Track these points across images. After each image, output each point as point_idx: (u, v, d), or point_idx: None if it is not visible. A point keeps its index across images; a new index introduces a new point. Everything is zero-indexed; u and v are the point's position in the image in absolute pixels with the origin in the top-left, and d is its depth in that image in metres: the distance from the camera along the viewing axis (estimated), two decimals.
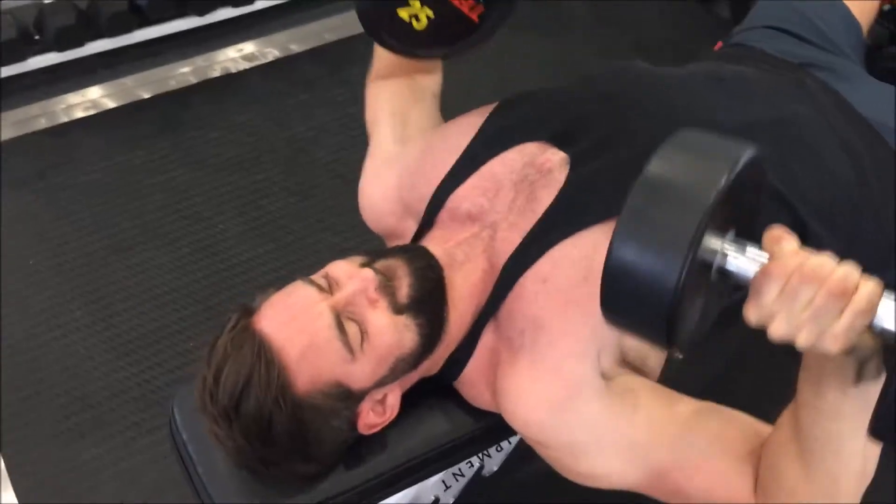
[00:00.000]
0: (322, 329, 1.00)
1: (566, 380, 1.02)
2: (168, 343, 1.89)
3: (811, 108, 1.25)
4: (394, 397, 1.09)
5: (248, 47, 2.61)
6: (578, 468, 1.04)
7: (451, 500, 1.49)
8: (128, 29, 2.49)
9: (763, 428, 0.98)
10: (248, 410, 0.99)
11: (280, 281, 1.97)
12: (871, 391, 0.78)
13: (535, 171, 1.11)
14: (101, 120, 2.37)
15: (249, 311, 1.05)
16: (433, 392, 1.17)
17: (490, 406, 1.12)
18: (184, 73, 2.51)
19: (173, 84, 2.48)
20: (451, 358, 1.12)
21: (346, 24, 2.67)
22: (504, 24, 1.17)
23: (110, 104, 2.42)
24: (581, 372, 1.02)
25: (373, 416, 1.08)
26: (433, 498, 1.43)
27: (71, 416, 1.76)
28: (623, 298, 0.74)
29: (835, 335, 0.71)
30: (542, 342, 1.03)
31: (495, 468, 1.52)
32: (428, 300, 1.05)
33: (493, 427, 1.21)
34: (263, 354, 0.99)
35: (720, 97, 1.20)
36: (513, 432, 1.32)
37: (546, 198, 1.09)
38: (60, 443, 1.73)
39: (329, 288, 1.04)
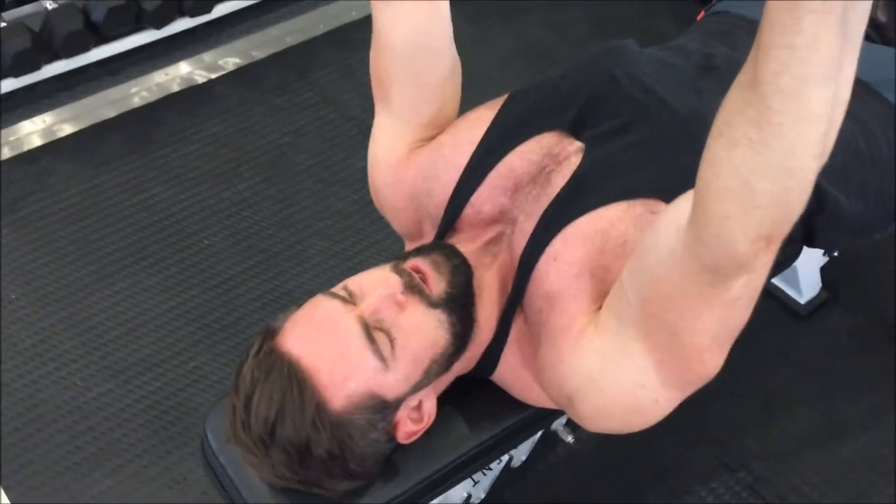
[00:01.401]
0: (351, 341, 0.98)
1: (572, 331, 1.01)
2: (168, 366, 1.84)
3: None
4: (430, 402, 1.07)
5: (208, 57, 2.55)
6: (613, 399, 0.99)
7: (483, 495, 1.48)
8: (85, 48, 2.42)
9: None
10: (285, 436, 0.97)
11: (274, 292, 1.97)
12: (858, 15, 0.71)
13: (552, 161, 1.10)
14: (69, 143, 2.30)
15: (273, 333, 1.02)
16: (463, 390, 1.15)
17: (541, 399, 1.11)
18: (147, 88, 2.45)
19: (137, 101, 2.42)
20: (484, 355, 1.11)
21: (306, 26, 2.63)
22: None
23: (75, 127, 2.35)
24: (587, 322, 1.01)
25: (410, 425, 1.06)
26: (465, 495, 1.41)
27: (76, 451, 1.71)
28: None
29: None
30: (555, 312, 1.03)
31: (524, 458, 1.51)
32: (462, 299, 1.04)
33: (527, 420, 1.20)
34: (294, 376, 0.96)
35: (716, 86, 1.18)
36: (546, 423, 1.32)
37: (560, 182, 1.08)
38: (67, 480, 1.68)
39: (352, 298, 1.02)
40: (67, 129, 2.34)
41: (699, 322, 0.90)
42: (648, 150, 1.09)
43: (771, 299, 1.89)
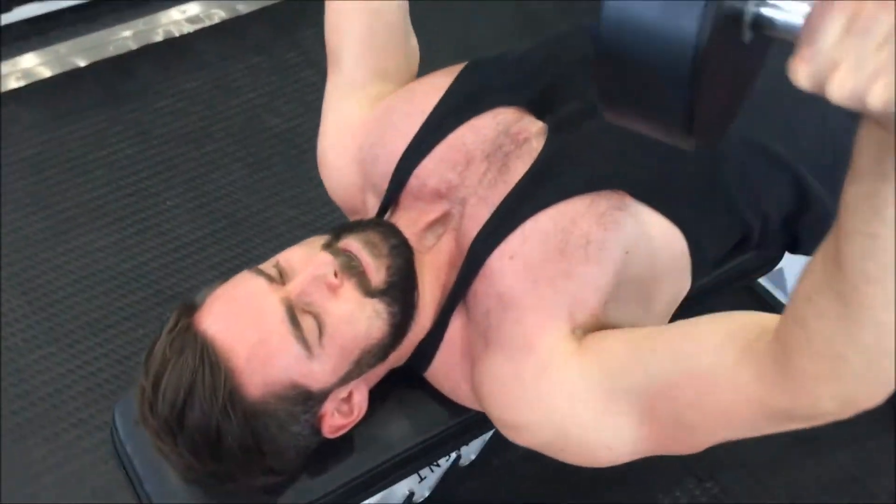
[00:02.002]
0: (273, 324, 0.89)
1: (537, 354, 0.90)
2: (115, 332, 1.75)
3: None
4: (360, 395, 0.98)
5: (193, 8, 2.44)
6: (570, 445, 0.90)
7: (427, 493, 1.39)
8: None
9: (765, 316, 0.78)
10: (193, 422, 0.88)
11: (234, 260, 1.87)
12: None
13: (510, 141, 0.99)
14: (36, 91, 2.19)
15: (191, 309, 0.92)
16: (403, 384, 1.06)
17: (469, 400, 1.01)
18: (123, 37, 2.34)
19: (112, 50, 2.31)
20: (419, 347, 1.01)
21: None
22: None
23: (45, 73, 2.24)
24: (552, 342, 0.90)
25: (338, 418, 0.97)
26: (407, 492, 1.32)
27: (11, 416, 1.63)
28: (624, 70, 0.58)
29: None
30: (508, 320, 0.92)
31: (472, 457, 1.42)
32: (403, 284, 0.94)
33: (471, 421, 1.10)
34: (207, 357, 0.87)
35: None
36: (492, 426, 1.23)
37: (520, 169, 0.98)
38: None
39: (281, 277, 0.92)
40: (36, 76, 2.23)
41: (726, 433, 0.81)
42: (615, 138, 0.98)
43: (756, 302, 1.79)
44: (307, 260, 0.93)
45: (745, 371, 0.75)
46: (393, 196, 1.04)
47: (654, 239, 0.96)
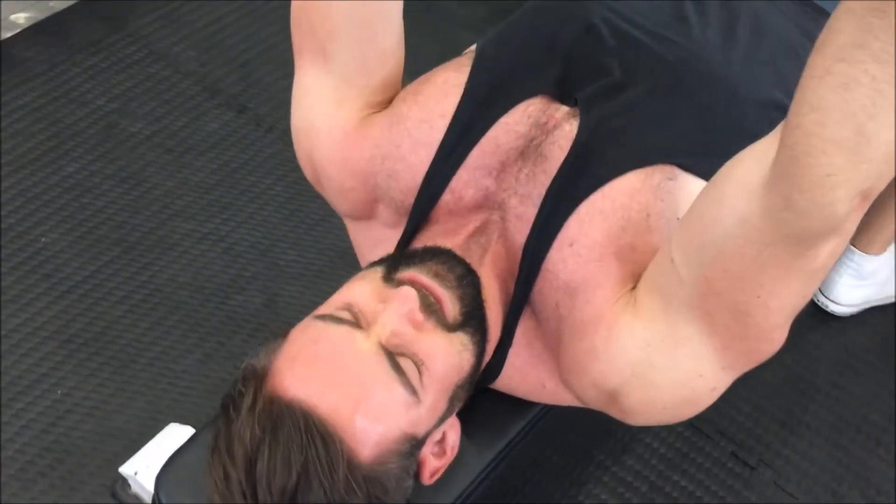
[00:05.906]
0: (376, 374, 0.79)
1: (606, 321, 0.86)
2: (29, 399, 1.52)
3: (791, 21, 1.15)
4: (454, 433, 0.91)
5: None
6: (665, 393, 0.86)
7: None
8: None
9: (741, 156, 0.75)
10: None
11: (142, 290, 1.67)
12: None
13: (540, 132, 0.93)
14: None
15: (261, 377, 0.80)
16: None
17: (554, 397, 0.98)
18: None
19: None
20: (488, 363, 0.94)
21: None
22: None
23: None
24: (620, 308, 0.86)
25: (434, 461, 0.89)
26: None
27: None
28: None
29: None
30: (578, 304, 0.88)
31: None
32: (478, 313, 0.87)
33: (540, 413, 1.06)
34: (314, 429, 0.76)
35: (709, 20, 1.06)
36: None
37: (557, 154, 0.92)
38: None
39: (357, 320, 0.82)
40: None
41: (776, 299, 0.77)
42: (650, 109, 0.96)
43: None
44: (381, 297, 0.83)
45: (750, 214, 0.71)
46: (424, 212, 0.95)
47: None
